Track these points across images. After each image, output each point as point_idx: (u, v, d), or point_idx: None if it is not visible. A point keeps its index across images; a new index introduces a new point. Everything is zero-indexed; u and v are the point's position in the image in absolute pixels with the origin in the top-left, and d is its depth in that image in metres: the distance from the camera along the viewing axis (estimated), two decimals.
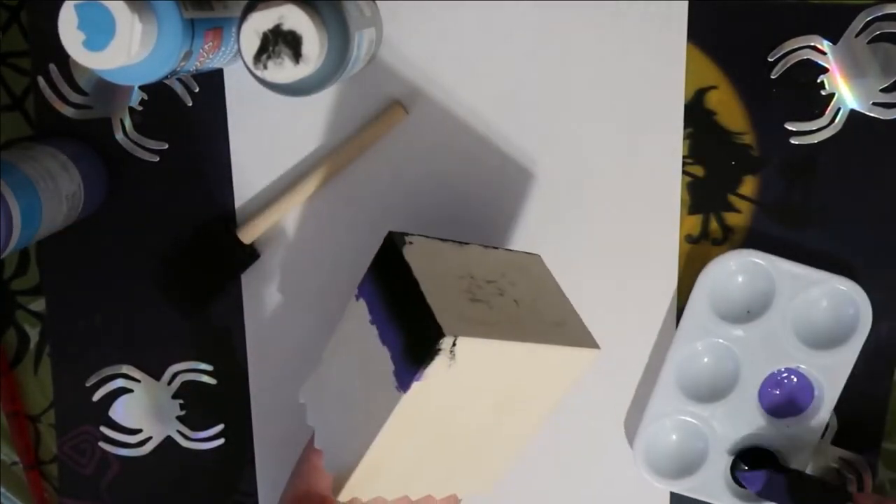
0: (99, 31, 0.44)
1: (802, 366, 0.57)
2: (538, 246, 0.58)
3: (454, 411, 0.47)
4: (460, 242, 0.52)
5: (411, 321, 0.46)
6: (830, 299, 0.56)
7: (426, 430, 0.47)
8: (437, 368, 0.44)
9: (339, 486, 0.48)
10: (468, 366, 0.45)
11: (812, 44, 0.54)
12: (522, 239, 0.58)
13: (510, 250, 0.53)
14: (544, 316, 0.49)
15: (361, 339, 0.49)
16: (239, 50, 0.45)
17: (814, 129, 0.55)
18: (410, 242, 0.49)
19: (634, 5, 0.55)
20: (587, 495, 0.61)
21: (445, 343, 0.43)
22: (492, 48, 0.56)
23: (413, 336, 0.45)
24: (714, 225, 0.57)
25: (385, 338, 0.47)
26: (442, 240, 0.51)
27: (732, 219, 0.57)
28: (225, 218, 0.59)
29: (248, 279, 0.60)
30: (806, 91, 0.55)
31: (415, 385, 0.44)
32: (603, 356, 0.55)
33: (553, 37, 0.55)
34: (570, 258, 0.58)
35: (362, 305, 0.50)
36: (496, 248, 0.53)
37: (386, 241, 0.49)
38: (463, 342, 0.44)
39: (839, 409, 0.57)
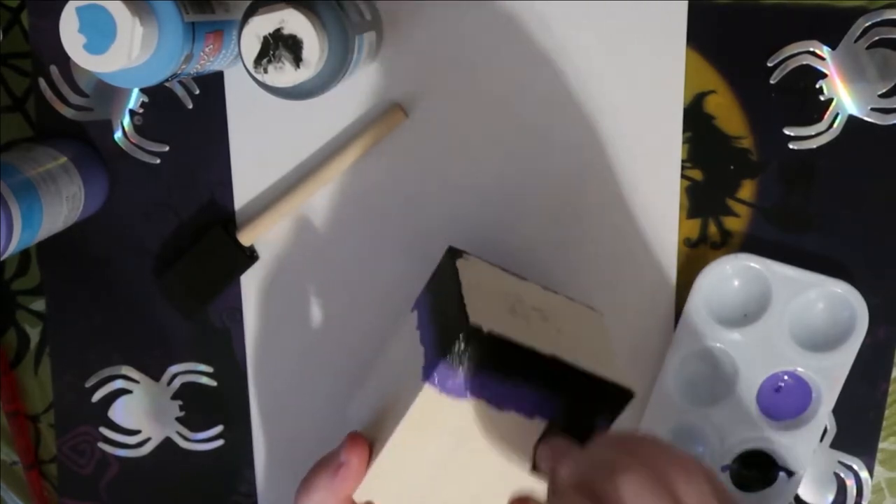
0: (100, 33, 0.44)
1: (800, 368, 0.57)
2: (535, 248, 0.58)
3: (476, 430, 0.46)
4: (520, 277, 0.52)
5: (446, 318, 0.45)
6: (827, 302, 0.56)
7: (446, 442, 0.46)
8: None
9: None
10: None
11: (811, 49, 0.55)
12: (520, 240, 0.58)
13: (571, 299, 0.52)
14: (583, 352, 0.47)
15: (404, 347, 0.48)
16: (239, 53, 0.46)
17: (812, 133, 0.56)
18: (467, 259, 0.49)
19: (634, 9, 0.55)
20: None
21: (471, 332, 0.42)
22: (491, 51, 0.56)
23: (444, 330, 0.45)
24: (713, 229, 0.57)
25: (423, 339, 0.47)
26: (502, 269, 0.51)
27: (731, 223, 0.57)
28: (224, 220, 0.59)
29: (247, 281, 0.60)
30: (805, 96, 0.55)
31: (436, 374, 0.43)
32: None
33: (553, 40, 0.56)
34: (568, 261, 0.58)
35: (414, 316, 0.50)
36: (556, 292, 0.52)
37: (445, 253, 0.49)
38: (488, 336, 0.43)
39: (837, 411, 0.57)
